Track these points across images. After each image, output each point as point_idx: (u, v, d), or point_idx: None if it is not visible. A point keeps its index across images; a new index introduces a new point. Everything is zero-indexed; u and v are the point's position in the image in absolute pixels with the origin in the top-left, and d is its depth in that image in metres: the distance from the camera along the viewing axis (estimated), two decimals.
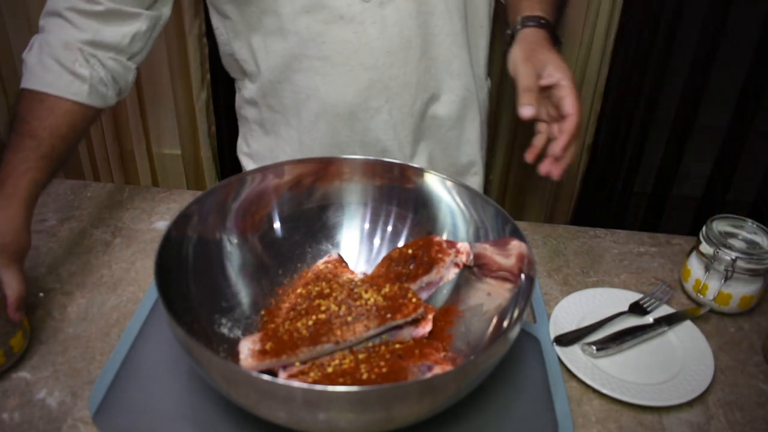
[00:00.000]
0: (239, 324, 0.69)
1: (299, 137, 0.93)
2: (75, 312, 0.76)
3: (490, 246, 0.72)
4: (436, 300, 0.72)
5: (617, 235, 0.95)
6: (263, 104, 0.95)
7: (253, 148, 1.03)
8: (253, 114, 0.99)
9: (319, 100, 0.89)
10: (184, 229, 0.68)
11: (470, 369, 0.56)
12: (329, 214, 0.80)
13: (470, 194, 0.75)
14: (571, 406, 0.67)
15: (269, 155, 0.99)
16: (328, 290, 0.68)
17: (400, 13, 0.84)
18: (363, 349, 0.63)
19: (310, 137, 0.92)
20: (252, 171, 0.75)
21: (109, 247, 0.87)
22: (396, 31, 0.85)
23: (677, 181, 1.79)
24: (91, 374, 0.68)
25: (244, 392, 0.55)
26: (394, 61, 0.86)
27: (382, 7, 0.83)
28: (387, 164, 0.78)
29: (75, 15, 0.80)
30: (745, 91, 1.62)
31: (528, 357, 0.71)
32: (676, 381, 0.70)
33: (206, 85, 1.78)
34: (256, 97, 0.95)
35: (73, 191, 0.98)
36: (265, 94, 0.93)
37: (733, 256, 0.77)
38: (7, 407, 0.64)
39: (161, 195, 0.98)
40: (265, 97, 0.93)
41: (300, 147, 0.94)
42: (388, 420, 0.54)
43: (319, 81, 0.88)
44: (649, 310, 0.79)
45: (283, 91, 0.91)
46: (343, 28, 0.83)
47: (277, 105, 0.93)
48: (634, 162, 1.76)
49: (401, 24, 0.85)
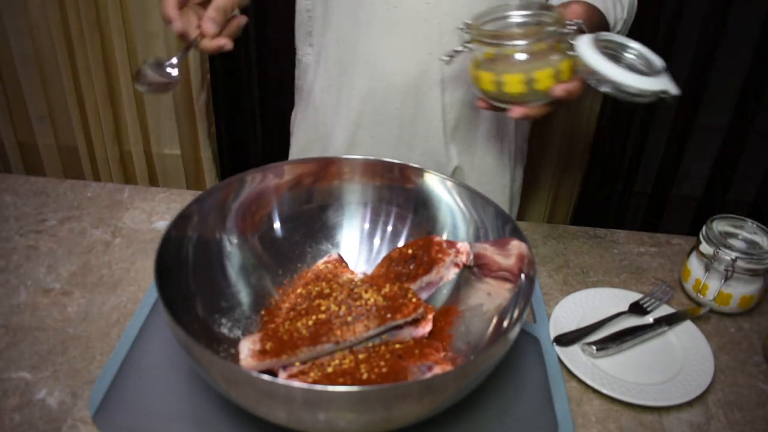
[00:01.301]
0: (239, 324, 0.69)
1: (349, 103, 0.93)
2: (75, 312, 0.76)
3: (490, 246, 0.72)
4: (436, 300, 0.72)
5: (617, 235, 0.95)
6: (321, 69, 0.95)
7: (301, 119, 1.04)
8: (308, 82, 0.99)
9: (377, 68, 0.89)
10: (184, 229, 0.68)
11: (470, 369, 0.56)
12: (329, 214, 0.80)
13: (470, 194, 0.75)
14: (571, 406, 0.67)
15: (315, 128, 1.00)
16: (328, 290, 0.68)
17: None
18: (363, 349, 0.63)
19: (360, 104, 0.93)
20: (252, 171, 0.75)
21: (109, 247, 0.87)
22: (466, 12, 0.84)
23: (677, 181, 1.79)
24: (91, 374, 0.68)
25: (244, 392, 0.55)
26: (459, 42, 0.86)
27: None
28: (387, 164, 0.78)
29: None
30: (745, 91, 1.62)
31: (528, 357, 0.71)
32: (676, 381, 0.70)
33: (206, 85, 1.78)
34: (314, 63, 0.96)
35: (73, 191, 0.98)
36: (327, 57, 0.93)
37: (733, 256, 0.77)
38: (7, 407, 0.64)
39: (161, 195, 0.98)
40: (326, 60, 0.94)
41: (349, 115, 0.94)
42: (388, 420, 0.54)
43: (381, 47, 0.88)
44: (649, 310, 0.79)
45: (344, 53, 0.91)
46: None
47: (335, 69, 0.93)
48: (634, 162, 1.76)
49: (474, 5, 0.84)
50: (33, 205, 0.94)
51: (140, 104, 1.82)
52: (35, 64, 1.79)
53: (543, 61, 0.72)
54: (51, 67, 1.80)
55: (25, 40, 1.75)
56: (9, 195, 0.95)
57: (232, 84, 1.77)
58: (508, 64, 0.73)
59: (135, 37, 1.72)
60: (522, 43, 0.71)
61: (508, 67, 0.73)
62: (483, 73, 0.74)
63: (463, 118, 0.94)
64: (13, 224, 0.89)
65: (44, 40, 1.76)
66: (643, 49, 0.74)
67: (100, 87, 1.79)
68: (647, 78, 0.69)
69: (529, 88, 0.72)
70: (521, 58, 0.72)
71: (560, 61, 0.72)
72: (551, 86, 0.71)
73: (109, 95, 1.83)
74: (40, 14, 1.72)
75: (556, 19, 0.72)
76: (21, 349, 0.70)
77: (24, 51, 1.77)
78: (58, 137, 1.93)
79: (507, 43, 0.72)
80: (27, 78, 1.81)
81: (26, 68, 1.79)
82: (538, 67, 0.72)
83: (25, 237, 0.87)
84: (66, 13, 1.69)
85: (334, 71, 0.94)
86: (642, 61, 0.73)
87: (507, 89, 0.73)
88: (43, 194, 0.96)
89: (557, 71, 0.72)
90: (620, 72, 0.69)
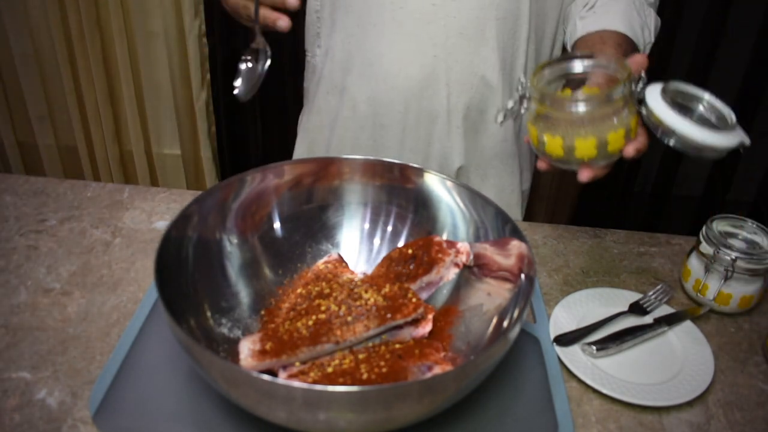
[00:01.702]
0: (239, 324, 0.69)
1: (353, 106, 0.94)
2: (75, 312, 0.76)
3: (490, 246, 0.72)
4: (436, 300, 0.72)
5: (617, 235, 0.95)
6: (326, 71, 0.95)
7: (305, 121, 1.04)
8: (314, 84, 1.00)
9: (381, 70, 0.89)
10: (184, 229, 0.68)
11: (470, 369, 0.56)
12: (329, 214, 0.80)
13: (470, 194, 0.75)
14: (571, 406, 0.67)
15: (319, 130, 1.00)
16: (328, 290, 0.68)
17: (483, 1, 0.83)
18: (363, 349, 0.63)
19: (364, 107, 0.93)
20: (252, 171, 0.75)
21: (109, 247, 0.87)
22: (473, 16, 0.84)
23: (677, 181, 1.79)
24: (91, 374, 0.68)
25: (244, 392, 0.55)
26: (464, 45, 0.85)
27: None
28: (387, 164, 0.78)
29: None
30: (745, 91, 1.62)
31: (528, 357, 0.71)
32: (676, 381, 0.70)
33: (206, 85, 1.78)
34: (321, 63, 0.96)
35: (73, 191, 0.98)
36: (332, 58, 0.93)
37: (733, 256, 0.77)
38: (7, 407, 0.64)
39: (161, 195, 0.98)
40: (331, 62, 0.94)
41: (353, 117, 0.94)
42: (388, 420, 0.54)
43: (385, 49, 0.87)
44: (649, 310, 0.79)
45: (349, 55, 0.91)
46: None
47: (339, 71, 0.93)
48: (634, 162, 1.76)
49: (480, 11, 0.84)
50: (33, 205, 0.94)
51: (140, 104, 1.82)
52: (35, 64, 1.79)
53: (615, 121, 0.66)
54: (51, 67, 1.80)
55: (25, 40, 1.76)
56: (9, 195, 0.95)
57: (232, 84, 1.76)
58: (579, 126, 0.66)
59: (135, 37, 1.72)
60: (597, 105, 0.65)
61: (579, 130, 0.66)
62: (549, 137, 0.68)
63: (469, 121, 0.94)
64: (13, 224, 0.89)
65: (44, 40, 1.76)
66: (713, 99, 0.69)
67: (100, 87, 1.79)
68: (722, 134, 0.65)
69: (601, 150, 0.66)
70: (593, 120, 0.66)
71: (630, 118, 0.66)
72: (623, 145, 0.67)
73: (109, 95, 1.83)
74: (40, 14, 1.72)
75: (628, 73, 0.66)
76: (21, 349, 0.70)
77: (24, 51, 1.77)
78: (58, 137, 1.93)
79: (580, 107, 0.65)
80: (27, 78, 1.81)
81: (26, 68, 1.79)
82: (611, 128, 0.66)
83: (25, 237, 0.87)
84: (66, 13, 1.69)
85: (338, 73, 0.94)
86: (713, 112, 0.68)
87: (578, 154, 0.67)
88: (43, 194, 0.96)
89: (628, 130, 0.66)
90: (698, 130, 0.64)
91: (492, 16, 0.85)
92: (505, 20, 0.86)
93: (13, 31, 1.73)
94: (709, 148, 0.65)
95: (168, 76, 1.77)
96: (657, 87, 0.67)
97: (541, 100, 0.68)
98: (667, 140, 0.66)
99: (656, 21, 0.89)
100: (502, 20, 0.85)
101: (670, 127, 0.65)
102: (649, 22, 0.87)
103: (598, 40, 0.82)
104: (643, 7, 0.87)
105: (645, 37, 0.85)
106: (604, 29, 0.83)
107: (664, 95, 0.66)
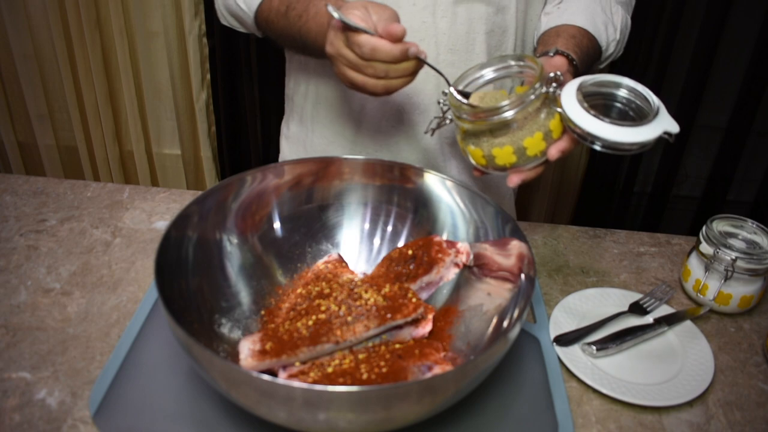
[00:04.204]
0: (239, 324, 0.69)
1: (343, 122, 0.93)
2: (75, 312, 0.76)
3: (490, 246, 0.72)
4: (436, 300, 0.72)
5: (617, 235, 0.95)
6: (312, 80, 0.94)
7: (291, 131, 1.04)
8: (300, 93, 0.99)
9: None
10: (184, 229, 0.68)
11: (470, 369, 0.56)
12: (329, 214, 0.80)
13: (470, 194, 0.75)
14: (571, 406, 0.67)
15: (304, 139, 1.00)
16: (328, 290, 0.68)
17: (471, 15, 0.84)
18: (363, 349, 0.63)
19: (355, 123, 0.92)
20: (252, 171, 0.75)
21: (109, 247, 0.87)
22: (463, 31, 0.84)
23: (677, 181, 1.79)
24: (91, 374, 0.68)
25: (244, 392, 0.55)
26: (455, 61, 0.86)
27: (456, 4, 0.83)
28: (387, 164, 0.78)
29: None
30: (745, 91, 1.62)
31: (528, 357, 0.71)
32: (676, 381, 0.70)
33: (206, 85, 1.79)
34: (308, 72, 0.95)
35: (73, 191, 0.98)
36: (317, 70, 0.93)
37: (733, 256, 0.77)
38: (7, 407, 0.64)
39: (161, 195, 0.98)
40: (317, 73, 0.93)
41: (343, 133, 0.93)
42: (388, 420, 0.54)
43: None
44: (649, 310, 0.79)
45: None
46: (414, 14, 0.83)
47: (325, 84, 0.93)
48: (634, 162, 1.76)
49: (470, 25, 0.84)
50: (33, 205, 0.94)
51: (140, 104, 1.83)
52: (35, 64, 1.79)
53: (531, 125, 0.68)
54: (51, 67, 1.80)
55: (25, 40, 1.76)
56: (9, 195, 0.95)
57: (232, 84, 1.77)
58: (495, 135, 0.69)
59: (135, 37, 1.72)
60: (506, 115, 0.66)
61: (493, 140, 0.69)
62: (471, 149, 0.71)
63: None
64: (13, 224, 0.89)
65: (44, 40, 1.76)
66: (634, 84, 0.69)
67: (100, 87, 1.79)
68: (642, 127, 0.65)
69: (520, 156, 0.69)
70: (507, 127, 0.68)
71: (548, 120, 0.68)
72: (544, 148, 0.69)
73: (109, 95, 1.83)
74: (40, 14, 1.72)
75: (539, 75, 0.67)
76: (21, 349, 0.70)
77: (24, 51, 1.77)
78: (58, 137, 1.93)
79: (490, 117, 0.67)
80: (27, 78, 1.81)
81: (26, 68, 1.79)
82: (527, 133, 0.68)
83: (25, 237, 0.87)
84: (66, 13, 1.69)
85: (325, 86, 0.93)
86: (635, 101, 0.68)
87: (500, 162, 0.70)
88: (43, 194, 0.96)
89: (546, 132, 0.68)
90: (613, 129, 0.64)
91: (481, 30, 0.85)
92: (493, 33, 0.86)
93: (13, 31, 1.73)
94: (629, 144, 0.65)
95: (168, 76, 1.77)
96: (573, 85, 0.67)
97: (456, 113, 0.70)
98: (587, 143, 0.66)
99: (624, 19, 0.89)
100: (489, 34, 0.86)
101: (585, 130, 0.65)
102: (615, 20, 0.87)
103: (553, 34, 0.83)
104: (610, 4, 0.87)
105: (609, 33, 0.85)
106: (564, 24, 0.84)
107: (579, 95, 0.66)
